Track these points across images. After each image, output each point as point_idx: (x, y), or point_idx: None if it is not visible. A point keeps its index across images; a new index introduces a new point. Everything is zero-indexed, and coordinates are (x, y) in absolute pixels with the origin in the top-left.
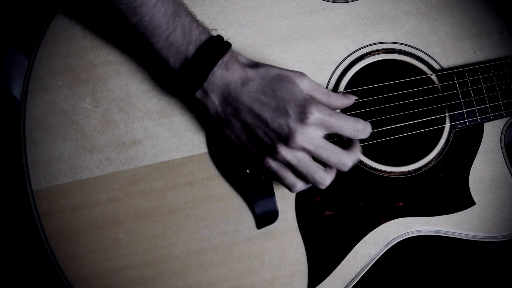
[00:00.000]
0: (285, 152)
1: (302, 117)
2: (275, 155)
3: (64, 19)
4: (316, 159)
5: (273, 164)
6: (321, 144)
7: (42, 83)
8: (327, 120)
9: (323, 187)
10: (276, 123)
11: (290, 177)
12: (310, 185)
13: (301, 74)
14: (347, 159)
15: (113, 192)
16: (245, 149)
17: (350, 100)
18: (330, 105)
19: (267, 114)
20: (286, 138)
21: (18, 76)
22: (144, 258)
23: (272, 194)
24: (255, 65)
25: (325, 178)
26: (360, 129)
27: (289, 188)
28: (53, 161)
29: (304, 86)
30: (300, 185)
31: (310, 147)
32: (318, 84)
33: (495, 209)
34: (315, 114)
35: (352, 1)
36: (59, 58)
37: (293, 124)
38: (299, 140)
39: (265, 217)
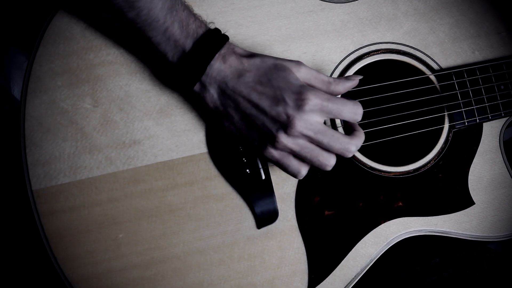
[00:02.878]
0: (285, 139)
1: (300, 104)
2: (276, 144)
3: (63, 19)
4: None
5: (275, 153)
6: (321, 129)
7: (41, 84)
8: (325, 105)
9: (329, 168)
10: (274, 111)
11: (294, 164)
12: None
13: (298, 63)
14: (349, 144)
15: (113, 192)
16: (246, 141)
17: (354, 81)
18: (332, 92)
19: (265, 104)
20: (286, 126)
21: (18, 76)
22: (144, 258)
23: (272, 194)
24: (251, 55)
25: (330, 159)
26: (359, 112)
27: (295, 175)
28: (53, 161)
29: (301, 74)
30: (304, 171)
31: (309, 133)
32: (318, 72)
33: (494, 209)
34: (313, 100)
35: (351, 2)
36: (59, 58)
37: (291, 111)
38: (298, 127)
39: (265, 217)
